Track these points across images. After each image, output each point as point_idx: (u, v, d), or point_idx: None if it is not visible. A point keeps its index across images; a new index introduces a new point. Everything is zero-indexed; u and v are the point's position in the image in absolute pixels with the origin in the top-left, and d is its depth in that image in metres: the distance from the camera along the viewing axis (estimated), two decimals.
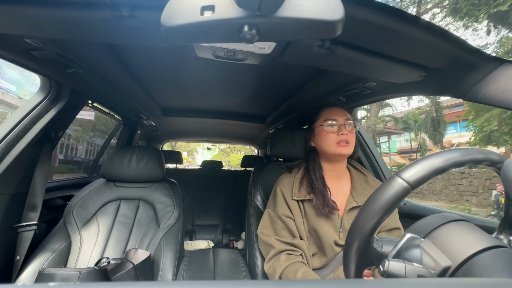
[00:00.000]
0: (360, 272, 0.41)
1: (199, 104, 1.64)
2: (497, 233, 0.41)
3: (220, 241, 2.30)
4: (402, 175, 0.38)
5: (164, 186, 1.21)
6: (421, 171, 0.37)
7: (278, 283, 0.22)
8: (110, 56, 0.89)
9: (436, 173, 0.37)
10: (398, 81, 0.79)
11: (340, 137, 0.85)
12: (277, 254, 0.83)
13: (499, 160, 0.38)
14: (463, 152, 0.38)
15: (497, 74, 0.58)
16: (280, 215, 0.88)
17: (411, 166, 0.38)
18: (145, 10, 0.49)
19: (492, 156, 0.38)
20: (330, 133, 0.87)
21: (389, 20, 0.51)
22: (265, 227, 0.92)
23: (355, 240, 0.40)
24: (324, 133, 0.88)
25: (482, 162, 0.38)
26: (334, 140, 0.86)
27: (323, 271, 0.85)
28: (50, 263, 0.92)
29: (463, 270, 0.33)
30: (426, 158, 0.38)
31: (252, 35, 0.38)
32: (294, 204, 0.88)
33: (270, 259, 0.84)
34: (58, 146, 2.09)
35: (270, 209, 0.93)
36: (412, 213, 1.16)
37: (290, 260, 0.80)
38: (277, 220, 0.88)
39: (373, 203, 0.38)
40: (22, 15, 0.51)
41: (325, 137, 0.88)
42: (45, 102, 0.99)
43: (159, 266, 0.99)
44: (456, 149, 0.39)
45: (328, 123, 0.88)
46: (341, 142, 0.85)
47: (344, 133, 0.85)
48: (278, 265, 0.80)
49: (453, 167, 0.37)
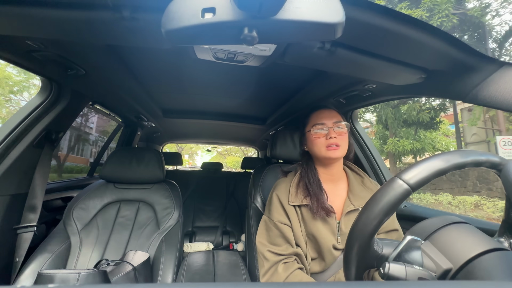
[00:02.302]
0: (361, 275, 0.41)
1: (199, 106, 1.64)
2: (498, 236, 0.41)
3: (220, 243, 2.29)
4: (403, 177, 0.37)
5: (164, 187, 1.21)
6: (422, 173, 0.37)
7: (278, 285, 0.21)
8: (111, 58, 0.89)
9: (437, 175, 0.37)
10: (399, 83, 0.79)
11: (328, 141, 0.84)
12: (272, 266, 0.82)
13: (499, 163, 0.38)
14: (464, 154, 0.38)
15: (497, 76, 0.59)
16: (275, 222, 0.87)
17: (412, 168, 0.38)
18: (146, 11, 0.49)
19: (492, 158, 0.38)
20: (319, 138, 0.86)
21: (389, 22, 0.52)
22: (260, 234, 0.91)
23: (355, 242, 0.39)
24: (313, 137, 0.88)
25: (483, 164, 0.38)
26: (323, 144, 0.85)
27: (324, 274, 0.85)
28: (49, 265, 0.92)
29: (464, 273, 0.33)
30: (427, 160, 0.38)
31: (252, 37, 0.38)
32: (291, 209, 0.87)
33: (266, 273, 0.83)
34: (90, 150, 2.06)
35: (266, 215, 0.92)
36: (412, 215, 1.16)
37: (288, 269, 0.79)
38: (272, 228, 0.87)
39: (373, 205, 0.38)
40: (23, 16, 0.51)
41: (314, 141, 0.88)
42: (46, 103, 0.99)
43: (159, 268, 0.99)
44: (457, 151, 0.39)
45: (316, 127, 0.87)
46: (330, 145, 0.84)
47: (332, 137, 0.84)
48: (277, 278, 0.79)
49: (454, 169, 0.37)
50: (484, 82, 0.61)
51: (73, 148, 3.35)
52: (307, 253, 0.84)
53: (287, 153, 1.21)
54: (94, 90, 1.15)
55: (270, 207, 0.92)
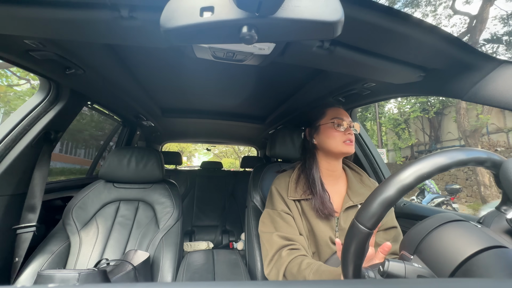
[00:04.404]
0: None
1: (198, 105, 1.64)
2: (500, 204, 0.42)
3: (220, 242, 2.29)
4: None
5: (164, 187, 1.21)
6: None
7: (278, 284, 0.22)
8: (109, 57, 0.89)
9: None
10: (397, 81, 0.80)
11: (347, 136, 0.88)
12: (278, 251, 0.81)
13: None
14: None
15: (496, 75, 0.59)
16: (279, 211, 0.88)
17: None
18: (144, 11, 0.49)
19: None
20: (337, 131, 0.89)
21: (388, 21, 0.52)
22: (264, 224, 0.91)
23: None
24: (332, 130, 0.90)
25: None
26: (342, 139, 0.88)
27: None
28: (49, 265, 0.92)
29: (463, 271, 0.33)
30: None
31: (251, 36, 0.38)
32: (291, 203, 0.88)
33: (271, 261, 0.82)
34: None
35: (269, 208, 0.93)
36: (411, 214, 1.16)
37: (292, 254, 0.78)
38: (276, 218, 0.87)
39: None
40: (21, 15, 0.51)
41: (332, 134, 0.90)
42: (44, 103, 0.99)
43: (159, 267, 0.99)
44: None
45: (337, 121, 0.90)
46: (347, 140, 0.88)
47: (350, 133, 0.89)
48: (281, 262, 0.78)
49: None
50: (482, 81, 0.61)
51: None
52: (309, 246, 0.85)
53: (286, 152, 1.21)
54: (93, 90, 1.15)
55: (272, 200, 0.92)
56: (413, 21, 0.52)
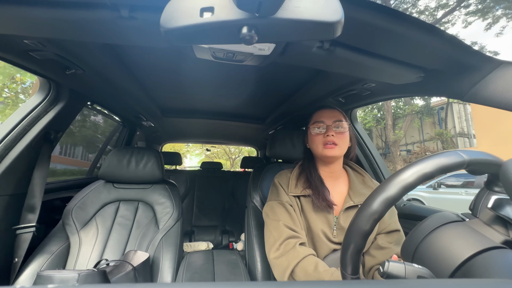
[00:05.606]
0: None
1: (198, 105, 1.64)
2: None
3: (220, 242, 2.29)
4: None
5: (163, 187, 1.21)
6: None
7: (278, 284, 0.22)
8: (109, 57, 0.89)
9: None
10: (397, 82, 0.80)
11: (326, 138, 0.86)
12: (286, 239, 0.79)
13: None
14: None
15: (496, 75, 0.59)
16: (284, 202, 0.87)
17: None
18: (144, 11, 0.49)
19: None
20: (317, 135, 0.89)
21: (388, 21, 0.52)
22: (269, 214, 0.89)
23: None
24: (314, 135, 0.90)
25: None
26: (321, 142, 0.87)
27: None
28: (48, 265, 0.92)
29: (462, 271, 0.33)
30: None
31: (251, 36, 0.38)
32: (292, 198, 0.89)
33: (280, 245, 0.78)
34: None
35: (272, 200, 0.92)
36: (411, 214, 1.16)
37: (306, 250, 0.76)
38: (281, 208, 0.87)
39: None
40: (20, 15, 0.51)
41: (313, 139, 0.90)
42: (44, 103, 0.99)
43: (159, 267, 0.99)
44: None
45: (315, 125, 0.90)
46: (327, 143, 0.86)
47: (330, 135, 0.86)
48: (294, 254, 0.75)
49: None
50: (482, 81, 0.61)
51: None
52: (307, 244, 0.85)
53: (286, 152, 1.21)
54: (93, 90, 1.15)
55: (277, 191, 0.92)
56: (413, 21, 0.52)
